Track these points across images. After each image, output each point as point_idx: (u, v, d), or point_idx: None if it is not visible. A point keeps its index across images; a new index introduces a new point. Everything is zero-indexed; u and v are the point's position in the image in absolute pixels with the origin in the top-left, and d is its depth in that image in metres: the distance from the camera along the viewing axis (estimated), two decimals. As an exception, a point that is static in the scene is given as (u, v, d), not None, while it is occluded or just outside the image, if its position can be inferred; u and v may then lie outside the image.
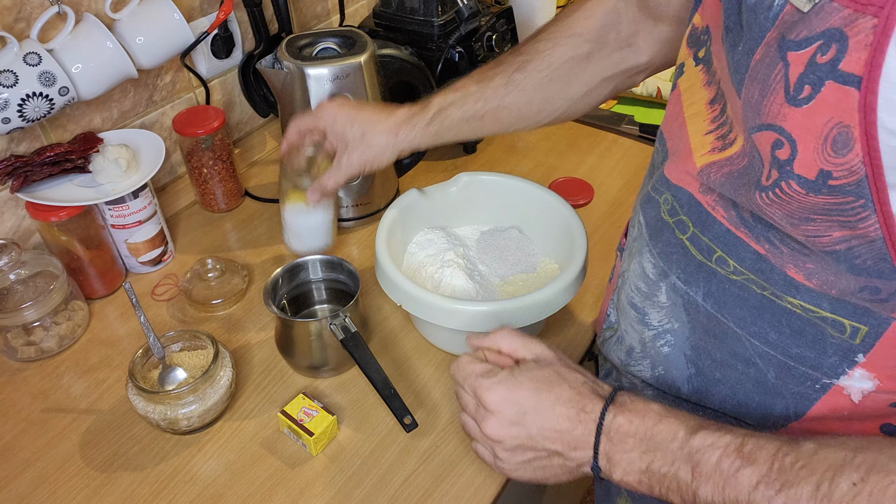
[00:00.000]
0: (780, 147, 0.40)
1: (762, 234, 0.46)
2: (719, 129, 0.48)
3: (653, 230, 0.57)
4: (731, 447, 0.45)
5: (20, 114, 0.77)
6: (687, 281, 0.53)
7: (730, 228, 0.48)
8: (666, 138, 0.56)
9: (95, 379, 0.80)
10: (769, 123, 0.40)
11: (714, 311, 0.52)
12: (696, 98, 0.52)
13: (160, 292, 0.91)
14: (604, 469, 0.51)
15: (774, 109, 0.40)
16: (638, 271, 0.59)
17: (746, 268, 0.48)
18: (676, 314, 0.55)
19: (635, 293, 0.60)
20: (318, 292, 0.85)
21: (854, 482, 0.40)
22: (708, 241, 0.50)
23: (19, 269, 0.81)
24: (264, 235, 1.00)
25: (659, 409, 0.49)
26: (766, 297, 0.47)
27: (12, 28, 0.81)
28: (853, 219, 0.39)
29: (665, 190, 0.55)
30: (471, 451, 0.71)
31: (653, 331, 0.58)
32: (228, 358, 0.75)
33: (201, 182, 1.00)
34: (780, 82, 0.39)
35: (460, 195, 0.88)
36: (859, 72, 0.35)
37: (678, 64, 0.56)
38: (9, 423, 0.76)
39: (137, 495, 0.69)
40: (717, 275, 0.50)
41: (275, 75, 0.88)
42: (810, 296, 0.45)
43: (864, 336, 0.44)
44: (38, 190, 0.84)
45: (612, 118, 1.21)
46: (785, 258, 0.45)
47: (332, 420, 0.71)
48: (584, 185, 1.06)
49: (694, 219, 0.51)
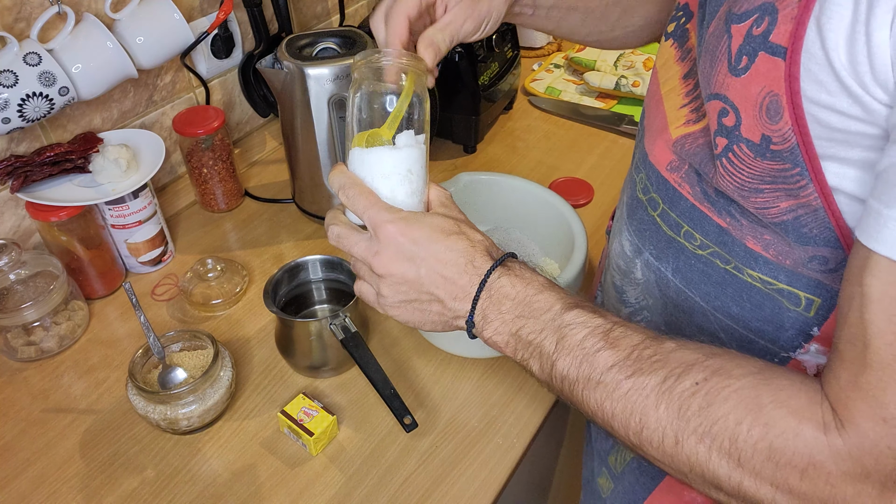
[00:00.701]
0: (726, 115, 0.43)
1: (724, 207, 0.48)
2: (693, 103, 0.50)
3: (630, 209, 0.58)
4: (599, 329, 0.46)
5: (20, 114, 0.77)
6: (658, 257, 0.55)
7: (695, 204, 0.50)
8: (645, 114, 0.58)
9: (95, 379, 0.80)
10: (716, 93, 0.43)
11: (682, 286, 0.53)
12: (670, 74, 0.54)
13: (160, 292, 0.91)
14: (477, 325, 0.51)
15: (720, 79, 0.43)
16: (618, 250, 0.61)
17: (711, 241, 0.50)
18: (650, 290, 0.57)
19: (616, 272, 0.62)
20: (318, 292, 0.85)
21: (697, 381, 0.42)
22: (676, 217, 0.52)
23: (19, 269, 0.81)
24: (264, 235, 1.00)
25: (543, 281, 0.50)
26: (729, 271, 0.49)
27: (12, 28, 0.81)
28: (794, 187, 0.41)
29: (643, 168, 0.57)
30: (471, 450, 0.72)
31: (630, 308, 0.60)
32: (228, 358, 0.75)
33: (201, 182, 1.00)
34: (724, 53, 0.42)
35: (460, 195, 0.88)
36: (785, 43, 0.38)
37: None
38: (9, 423, 0.76)
39: (137, 495, 0.69)
40: (685, 250, 0.52)
41: (275, 75, 0.88)
42: (768, 268, 0.47)
43: (817, 308, 0.46)
44: (38, 190, 0.84)
45: (612, 118, 1.21)
46: (744, 230, 0.47)
47: (332, 420, 0.71)
48: (584, 185, 1.06)
49: (663, 195, 0.53)
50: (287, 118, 0.92)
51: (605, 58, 1.32)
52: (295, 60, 0.87)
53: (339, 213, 0.56)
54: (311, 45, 0.91)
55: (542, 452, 1.00)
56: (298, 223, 1.02)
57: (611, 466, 0.68)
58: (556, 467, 1.14)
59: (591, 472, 0.73)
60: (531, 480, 1.02)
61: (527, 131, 1.21)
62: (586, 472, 0.75)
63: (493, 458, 0.71)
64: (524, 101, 1.29)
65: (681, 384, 0.42)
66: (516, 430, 0.74)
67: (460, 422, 0.74)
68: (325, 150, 0.92)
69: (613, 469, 0.67)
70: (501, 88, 1.15)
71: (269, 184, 1.10)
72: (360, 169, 0.55)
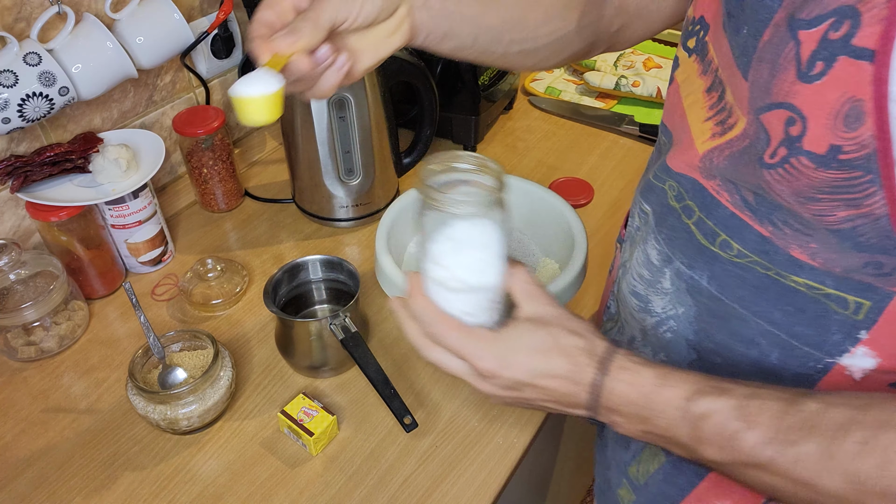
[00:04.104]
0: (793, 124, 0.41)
1: (766, 216, 0.46)
2: (718, 115, 0.49)
3: (658, 217, 0.57)
4: (732, 411, 0.45)
5: (20, 114, 0.77)
6: (691, 265, 0.53)
7: (734, 212, 0.49)
8: (670, 129, 0.57)
9: (95, 379, 0.80)
10: (780, 102, 0.41)
11: (718, 293, 0.52)
12: (693, 88, 0.53)
13: (160, 292, 0.91)
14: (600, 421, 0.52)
15: (785, 87, 0.41)
16: (641, 259, 0.59)
17: (750, 250, 0.48)
18: (681, 299, 0.55)
19: (638, 282, 0.60)
20: (318, 292, 0.85)
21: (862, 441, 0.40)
22: (712, 225, 0.51)
23: (19, 269, 0.81)
24: (264, 235, 1.00)
25: (654, 377, 0.49)
26: (770, 276, 0.48)
27: (12, 28, 0.81)
28: (859, 196, 0.40)
29: (667, 178, 0.55)
30: (471, 450, 0.72)
31: (655, 318, 0.59)
32: (228, 358, 0.75)
33: (201, 182, 1.00)
34: (790, 60, 0.40)
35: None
36: (873, 46, 0.36)
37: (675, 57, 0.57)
38: (9, 423, 0.76)
39: (137, 495, 0.69)
40: (720, 258, 0.51)
41: (275, 75, 0.88)
42: (814, 274, 0.45)
43: (867, 311, 0.44)
44: (38, 190, 0.84)
45: (612, 118, 1.21)
46: (788, 239, 0.46)
47: (332, 420, 0.71)
48: (585, 185, 1.06)
49: (699, 203, 0.52)
50: (287, 118, 0.92)
51: (605, 58, 1.32)
52: (295, 60, 0.87)
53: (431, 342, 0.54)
54: (311, 45, 0.91)
55: (542, 452, 1.00)
56: (298, 223, 1.02)
57: (632, 477, 0.66)
58: (555, 467, 1.14)
59: (605, 481, 0.71)
60: (531, 480, 1.02)
61: (527, 131, 1.21)
62: (600, 481, 0.73)
63: (493, 458, 0.71)
64: (524, 101, 1.29)
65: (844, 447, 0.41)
66: (516, 430, 0.74)
67: (460, 422, 0.74)
68: (325, 150, 0.92)
69: (635, 480, 0.65)
70: (501, 88, 1.15)
71: (269, 184, 1.10)
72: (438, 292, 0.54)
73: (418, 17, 0.57)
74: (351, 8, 0.52)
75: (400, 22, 0.56)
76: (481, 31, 0.60)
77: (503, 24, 0.60)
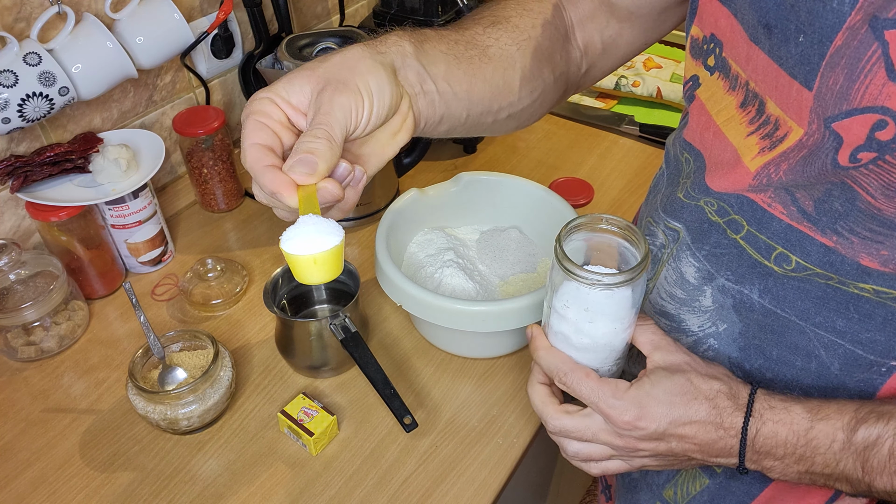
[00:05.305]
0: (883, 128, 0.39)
1: (828, 225, 0.45)
2: (761, 129, 0.47)
3: (696, 234, 0.54)
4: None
5: (20, 114, 0.77)
6: (738, 280, 0.51)
7: (791, 224, 0.47)
8: (700, 149, 0.55)
9: (95, 379, 0.80)
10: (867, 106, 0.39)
11: (772, 306, 0.50)
12: (722, 105, 0.51)
13: (160, 292, 0.91)
14: (753, 469, 0.50)
15: (873, 91, 0.39)
16: (673, 278, 0.57)
17: (812, 262, 0.47)
18: (724, 316, 0.54)
19: (668, 301, 0.58)
20: (318, 292, 0.85)
21: None
22: (766, 239, 0.49)
23: (19, 269, 0.81)
24: (264, 235, 1.00)
25: (804, 414, 0.47)
26: (832, 285, 0.46)
27: (12, 28, 0.81)
28: None
29: (703, 195, 0.53)
30: (471, 450, 0.72)
31: (692, 337, 0.57)
32: (228, 358, 0.75)
33: (201, 182, 1.00)
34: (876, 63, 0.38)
35: (460, 195, 0.88)
36: None
37: (687, 77, 0.56)
38: (9, 423, 0.76)
39: (137, 495, 0.69)
40: (774, 272, 0.49)
41: (275, 75, 0.88)
42: (883, 279, 0.44)
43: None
44: (38, 190, 0.84)
45: (613, 118, 1.21)
46: (856, 248, 0.44)
47: (332, 420, 0.71)
48: (585, 185, 1.06)
49: (748, 217, 0.50)
50: (287, 118, 0.92)
51: (605, 58, 1.31)
52: (295, 60, 0.87)
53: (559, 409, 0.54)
54: (311, 45, 0.91)
55: (542, 452, 1.00)
56: (298, 223, 1.02)
57: (668, 500, 0.64)
58: (555, 467, 1.14)
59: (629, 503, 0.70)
60: (531, 480, 1.02)
61: (527, 131, 1.21)
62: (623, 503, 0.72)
63: (493, 458, 0.71)
64: (524, 101, 1.28)
65: None
66: (516, 430, 0.74)
67: (460, 422, 0.74)
68: (325, 150, 0.92)
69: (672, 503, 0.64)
70: (501, 88, 1.15)
71: (269, 184, 1.09)
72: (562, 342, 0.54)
73: (418, 106, 0.53)
74: (359, 113, 0.46)
75: (404, 117, 0.51)
76: (473, 105, 0.57)
77: (491, 93, 0.58)
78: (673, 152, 0.60)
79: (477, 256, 0.86)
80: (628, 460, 0.53)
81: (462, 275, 0.80)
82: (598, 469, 0.55)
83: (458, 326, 0.72)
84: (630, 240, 0.52)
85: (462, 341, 0.79)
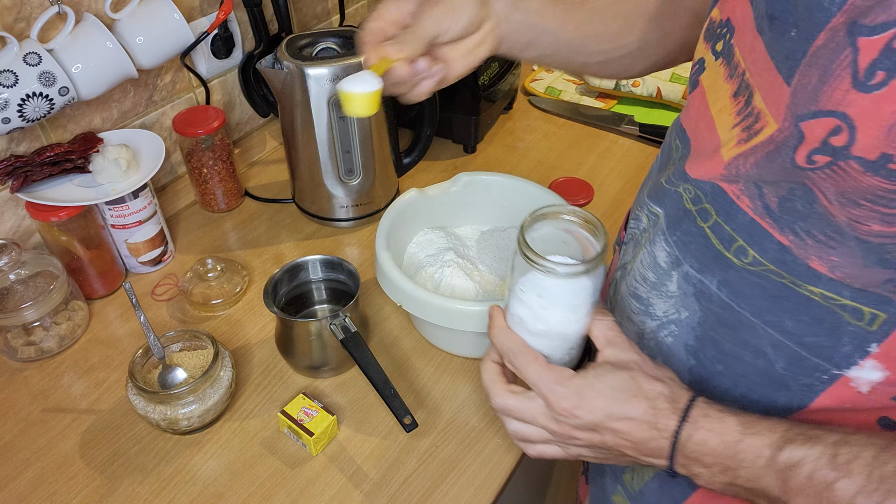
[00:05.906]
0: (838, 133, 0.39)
1: (788, 224, 0.45)
2: (745, 121, 0.48)
3: (671, 219, 0.56)
4: (822, 459, 0.44)
5: (20, 114, 0.77)
6: (701, 269, 0.52)
7: (754, 218, 0.48)
8: (690, 136, 0.56)
9: (95, 379, 0.80)
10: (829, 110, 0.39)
11: (729, 300, 0.51)
12: (720, 94, 0.51)
13: (160, 292, 0.91)
14: (680, 473, 0.51)
15: (837, 96, 0.39)
16: (647, 261, 0.58)
17: (768, 259, 0.47)
18: (687, 303, 0.55)
19: (640, 284, 0.59)
20: (318, 292, 0.85)
21: None
22: (730, 231, 0.50)
23: (19, 269, 0.81)
24: (264, 235, 1.00)
25: (737, 427, 0.48)
26: (785, 284, 0.47)
27: (12, 28, 0.81)
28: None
29: (682, 182, 0.54)
30: (471, 450, 0.72)
31: (656, 321, 0.58)
32: (228, 358, 0.75)
33: (201, 182, 1.00)
34: (845, 68, 0.38)
35: (460, 195, 0.88)
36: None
37: (696, 59, 0.55)
38: (9, 423, 0.76)
39: (137, 495, 0.69)
40: (733, 265, 0.50)
41: (275, 75, 0.88)
42: (832, 285, 0.44)
43: (881, 324, 0.44)
44: (38, 190, 0.84)
45: (612, 118, 1.21)
46: (809, 250, 0.45)
47: (332, 420, 0.71)
48: (584, 185, 1.06)
49: (718, 208, 0.50)
50: (287, 118, 0.92)
51: (605, 58, 1.31)
52: (295, 60, 0.87)
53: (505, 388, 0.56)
54: (311, 45, 0.91)
55: (542, 452, 1.00)
56: (298, 223, 1.02)
57: (626, 484, 0.66)
58: (555, 467, 1.14)
59: (600, 489, 0.71)
60: (531, 480, 1.02)
61: (527, 131, 1.21)
62: (595, 489, 0.73)
63: (493, 458, 0.71)
64: (524, 101, 1.29)
65: None
66: (516, 430, 0.74)
67: (460, 422, 0.75)
68: (325, 150, 0.92)
69: (630, 487, 0.65)
70: (501, 88, 1.15)
71: (269, 184, 1.10)
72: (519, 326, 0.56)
73: (503, 29, 0.64)
74: (446, 23, 0.60)
75: (486, 34, 0.63)
76: (561, 45, 0.66)
77: (582, 37, 0.66)
78: (668, 139, 0.61)
79: (477, 256, 0.86)
80: (564, 447, 0.55)
81: (462, 275, 0.80)
82: (535, 451, 0.56)
83: (458, 326, 0.72)
84: (592, 232, 0.54)
85: (462, 341, 0.79)
